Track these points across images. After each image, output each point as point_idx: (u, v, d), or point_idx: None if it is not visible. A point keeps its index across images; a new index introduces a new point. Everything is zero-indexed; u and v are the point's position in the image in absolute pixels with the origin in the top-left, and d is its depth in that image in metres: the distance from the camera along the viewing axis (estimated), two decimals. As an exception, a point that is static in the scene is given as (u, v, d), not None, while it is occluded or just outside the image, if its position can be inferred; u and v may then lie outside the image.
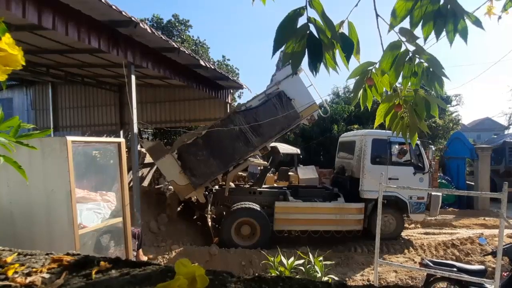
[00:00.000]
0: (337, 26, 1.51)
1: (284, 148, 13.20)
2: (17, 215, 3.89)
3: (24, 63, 0.85)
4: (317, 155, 19.01)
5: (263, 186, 9.53)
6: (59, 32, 4.91)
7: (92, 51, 7.46)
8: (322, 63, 1.48)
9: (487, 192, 10.58)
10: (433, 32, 1.43)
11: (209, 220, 8.40)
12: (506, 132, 25.87)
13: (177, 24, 18.68)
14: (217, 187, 8.94)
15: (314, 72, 1.46)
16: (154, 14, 18.80)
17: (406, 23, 1.45)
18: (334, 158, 11.03)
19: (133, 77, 6.63)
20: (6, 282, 0.75)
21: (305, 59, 1.49)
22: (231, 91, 12.38)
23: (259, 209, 8.19)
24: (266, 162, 9.30)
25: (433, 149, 9.17)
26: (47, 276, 0.80)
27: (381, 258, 6.29)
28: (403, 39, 1.54)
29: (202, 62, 8.18)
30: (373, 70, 1.78)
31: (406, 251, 8.34)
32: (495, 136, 18.74)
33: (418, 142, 8.79)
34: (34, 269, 0.84)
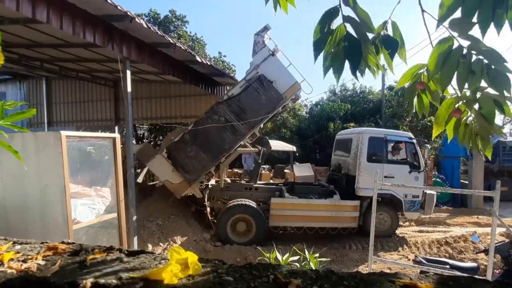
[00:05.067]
0: (380, 27, 1.42)
1: (280, 145, 13.23)
2: (10, 210, 3.87)
3: (3, 61, 0.84)
4: (313, 152, 19.08)
5: (259, 182, 9.55)
6: (54, 25, 4.84)
7: (87, 46, 7.39)
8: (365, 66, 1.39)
9: (480, 191, 10.67)
10: (492, 25, 1.21)
11: (208, 215, 8.40)
12: (500, 131, 26.09)
13: (173, 20, 18.58)
14: (212, 181, 8.94)
15: (357, 76, 1.36)
16: (151, 8, 18.67)
17: (457, 16, 1.26)
18: (330, 156, 11.06)
19: (128, 72, 6.58)
20: (2, 269, 0.75)
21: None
22: (227, 87, 12.36)
23: (255, 206, 8.20)
24: (256, 149, 9.26)
25: (429, 148, 9.24)
26: (42, 263, 0.79)
27: (375, 255, 6.33)
28: (455, 34, 1.33)
29: (198, 58, 8.14)
30: (425, 72, 1.58)
31: (400, 248, 8.42)
32: (490, 136, 18.88)
33: (414, 141, 8.86)
34: (29, 257, 0.84)
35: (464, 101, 1.63)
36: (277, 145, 12.51)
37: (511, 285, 0.66)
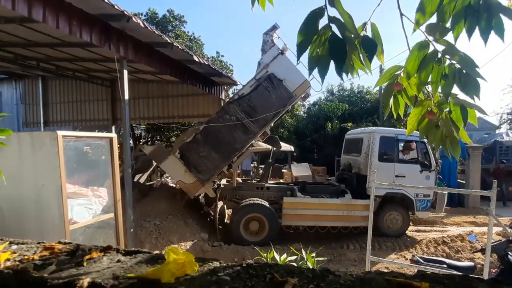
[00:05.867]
0: (359, 28, 1.44)
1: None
2: (6, 210, 3.84)
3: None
4: (311, 152, 19.11)
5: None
6: (50, 25, 4.82)
7: (84, 45, 7.36)
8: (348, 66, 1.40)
9: (477, 190, 10.73)
10: (464, 30, 1.28)
11: (216, 218, 8.46)
12: (497, 131, 26.22)
13: (171, 19, 18.52)
14: (224, 181, 8.99)
15: (341, 76, 1.38)
16: (149, 8, 18.59)
17: (433, 21, 1.32)
18: (328, 155, 11.11)
19: (125, 72, 6.56)
20: None
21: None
22: (225, 87, 12.35)
23: (267, 205, 8.26)
24: (268, 146, 9.31)
25: (440, 147, 9.25)
26: (39, 263, 0.79)
27: (372, 255, 6.35)
28: (431, 38, 1.40)
29: (195, 58, 8.13)
30: (402, 74, 1.65)
31: (397, 248, 8.44)
32: (486, 136, 18.98)
33: (425, 140, 8.92)
34: (26, 257, 0.84)
35: (437, 104, 1.71)
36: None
37: (505, 283, 0.66)
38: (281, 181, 12.11)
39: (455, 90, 1.52)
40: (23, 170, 3.76)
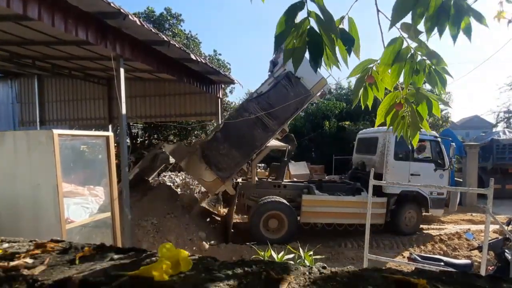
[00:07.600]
0: (337, 22, 1.47)
1: (276, 144, 13.25)
2: (2, 209, 3.81)
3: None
4: (309, 151, 19.12)
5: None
6: (45, 23, 4.78)
7: (80, 43, 7.31)
8: (323, 59, 1.43)
9: (474, 188, 10.78)
10: (435, 29, 1.36)
11: (232, 216, 8.53)
12: (494, 130, 26.34)
13: (169, 18, 18.43)
14: (240, 179, 9.10)
15: (315, 68, 1.44)
16: (148, 6, 18.46)
17: (408, 19, 1.38)
18: (326, 154, 11.13)
19: (122, 71, 6.52)
20: None
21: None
22: (223, 86, 12.31)
23: (287, 203, 8.34)
24: (287, 145, 9.38)
25: (454, 146, 9.43)
26: (30, 261, 0.78)
27: (370, 253, 6.36)
28: (405, 35, 1.48)
29: (193, 56, 8.09)
30: (374, 68, 1.74)
31: (395, 246, 8.47)
32: (483, 134, 19.04)
33: (439, 139, 9.13)
34: (17, 255, 0.82)
35: (405, 96, 1.88)
36: (272, 143, 12.56)
37: (502, 278, 0.66)
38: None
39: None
40: (19, 169, 3.73)
